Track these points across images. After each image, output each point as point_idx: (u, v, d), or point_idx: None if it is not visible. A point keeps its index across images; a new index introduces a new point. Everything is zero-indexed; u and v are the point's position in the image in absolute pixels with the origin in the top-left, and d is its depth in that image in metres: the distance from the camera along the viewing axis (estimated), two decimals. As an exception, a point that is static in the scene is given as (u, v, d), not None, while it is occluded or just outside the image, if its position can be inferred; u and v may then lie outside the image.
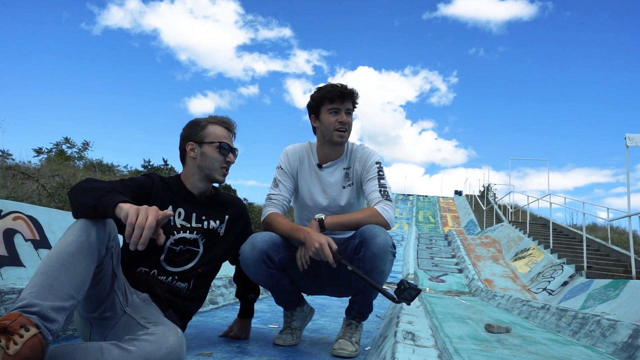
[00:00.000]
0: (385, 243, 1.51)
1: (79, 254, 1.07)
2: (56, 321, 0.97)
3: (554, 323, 3.44)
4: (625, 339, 2.36)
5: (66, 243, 1.08)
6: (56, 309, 0.98)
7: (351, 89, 1.74)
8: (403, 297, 1.38)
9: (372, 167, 1.78)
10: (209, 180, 1.56)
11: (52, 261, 1.04)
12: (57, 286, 1.00)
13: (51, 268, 1.03)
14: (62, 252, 1.06)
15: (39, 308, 0.95)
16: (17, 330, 0.89)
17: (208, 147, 1.53)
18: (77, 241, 1.08)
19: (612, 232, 9.80)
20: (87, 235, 1.11)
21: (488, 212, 15.63)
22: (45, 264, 1.05)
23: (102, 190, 1.15)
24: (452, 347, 2.18)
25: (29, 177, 5.15)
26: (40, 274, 1.02)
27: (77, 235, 1.10)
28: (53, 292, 0.99)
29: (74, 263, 1.05)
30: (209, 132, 1.54)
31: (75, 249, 1.07)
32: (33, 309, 0.95)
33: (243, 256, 1.60)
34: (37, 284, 1.00)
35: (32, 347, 0.90)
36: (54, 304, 0.98)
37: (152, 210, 1.09)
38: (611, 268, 7.00)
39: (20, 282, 1.80)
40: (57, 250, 1.07)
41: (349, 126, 1.74)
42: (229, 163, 1.56)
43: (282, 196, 1.79)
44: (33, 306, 0.95)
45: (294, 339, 1.79)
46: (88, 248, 1.09)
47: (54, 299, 0.98)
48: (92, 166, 9.76)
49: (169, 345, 1.13)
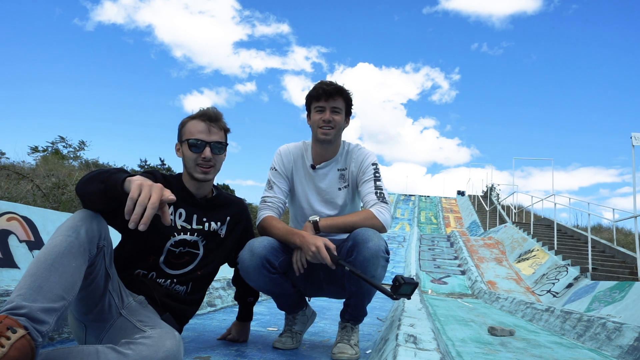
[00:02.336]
0: (377, 248, 1.49)
1: (68, 253, 1.05)
2: (46, 322, 0.96)
3: (558, 326, 3.41)
4: (631, 342, 2.33)
5: (55, 243, 1.06)
6: (46, 311, 0.96)
7: (337, 87, 1.70)
8: (400, 293, 1.36)
9: (368, 168, 1.76)
10: (194, 179, 1.49)
11: (41, 262, 1.03)
12: (47, 287, 0.99)
13: (40, 269, 1.01)
14: (51, 252, 1.04)
15: (28, 310, 0.94)
16: (3, 333, 0.87)
17: (185, 146, 1.48)
18: (67, 241, 1.06)
19: (617, 233, 9.73)
20: (76, 234, 1.09)
21: (491, 213, 15.57)
22: (34, 265, 1.03)
23: (108, 173, 1.14)
24: (455, 351, 2.16)
25: (24, 177, 5.14)
26: (28, 275, 1.00)
27: (66, 235, 1.08)
28: (42, 294, 0.97)
29: (63, 263, 1.03)
30: (186, 129, 1.49)
31: (64, 249, 1.05)
32: (21, 311, 0.93)
33: (242, 264, 1.57)
34: (25, 286, 0.98)
35: (20, 348, 0.88)
36: (44, 306, 0.96)
37: (157, 188, 1.05)
38: (617, 270, 6.94)
39: (14, 284, 1.79)
40: (45, 251, 1.05)
41: (334, 124, 1.71)
42: (205, 159, 1.45)
43: (277, 198, 1.76)
44: (21, 308, 0.94)
45: (293, 343, 1.76)
46: (78, 247, 1.07)
47: (43, 300, 0.97)
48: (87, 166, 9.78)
49: (167, 348, 1.11)
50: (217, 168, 1.51)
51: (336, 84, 1.72)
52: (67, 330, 1.56)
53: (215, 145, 1.48)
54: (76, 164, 10.08)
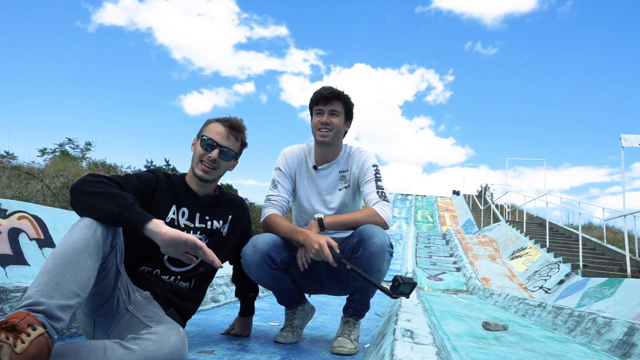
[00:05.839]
0: (382, 242, 1.54)
1: (84, 251, 1.06)
2: (62, 320, 0.98)
3: (550, 321, 3.47)
4: (620, 336, 2.38)
5: (72, 240, 1.07)
6: (62, 308, 0.98)
7: (335, 91, 1.76)
8: (399, 293, 1.40)
9: (369, 169, 1.81)
10: (196, 176, 1.51)
11: (58, 259, 1.04)
12: (63, 284, 1.00)
13: (57, 266, 1.02)
14: (68, 249, 1.05)
15: (46, 307, 0.96)
16: (24, 329, 0.89)
17: (199, 141, 1.51)
18: (83, 239, 1.08)
19: (607, 231, 9.88)
20: (92, 232, 1.10)
21: (485, 212, 15.69)
22: (51, 261, 1.04)
23: (127, 201, 1.17)
24: (450, 345, 2.20)
25: (34, 177, 5.16)
26: (46, 272, 1.02)
27: (83, 232, 1.09)
28: (59, 291, 0.99)
29: (79, 261, 1.04)
30: (207, 128, 1.53)
31: (81, 246, 1.06)
32: (40, 308, 0.95)
33: (245, 259, 1.61)
34: (43, 282, 0.99)
35: (39, 345, 0.90)
36: (60, 303, 0.98)
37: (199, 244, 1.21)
38: (606, 267, 7.04)
39: (24, 280, 1.81)
40: (62, 248, 1.06)
41: (332, 126, 1.76)
42: (210, 159, 1.48)
43: (281, 197, 1.81)
44: (40, 305, 0.95)
45: (294, 337, 1.81)
46: (94, 246, 1.09)
47: (59, 298, 0.98)
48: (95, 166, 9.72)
49: (172, 344, 1.14)
50: (219, 172, 1.52)
51: (334, 89, 1.76)
52: (76, 325, 1.59)
53: (226, 150, 1.51)
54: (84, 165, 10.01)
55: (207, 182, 1.52)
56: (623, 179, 7.12)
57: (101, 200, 1.15)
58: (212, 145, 1.49)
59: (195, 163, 1.50)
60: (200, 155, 1.48)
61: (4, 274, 1.91)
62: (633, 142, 6.95)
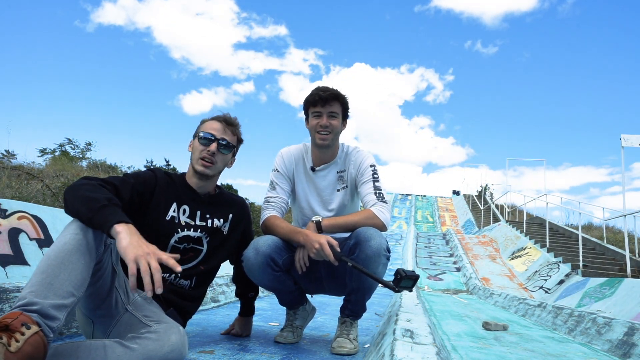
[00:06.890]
0: (379, 246, 1.53)
1: (77, 251, 1.07)
2: (57, 319, 0.98)
3: (550, 321, 3.47)
4: (620, 336, 2.39)
5: (64, 241, 1.08)
6: (57, 307, 0.99)
7: (333, 93, 1.74)
8: (402, 286, 1.40)
9: (366, 170, 1.80)
10: (196, 173, 1.52)
11: (51, 259, 1.04)
12: (57, 284, 1.01)
13: (50, 266, 1.03)
14: (61, 250, 1.06)
15: (40, 306, 0.96)
16: (18, 329, 0.90)
17: (196, 140, 1.53)
18: (75, 239, 1.09)
19: (607, 231, 9.88)
20: (84, 232, 1.11)
21: (485, 212, 15.70)
22: (45, 262, 1.05)
23: (98, 203, 1.14)
24: (450, 345, 2.21)
25: (34, 177, 5.18)
26: (39, 272, 1.02)
27: (74, 233, 1.10)
28: (53, 290, 1.00)
29: (72, 261, 1.05)
30: (202, 126, 1.54)
31: (73, 246, 1.07)
32: (34, 307, 0.96)
33: (247, 262, 1.61)
34: (36, 283, 1.00)
35: (33, 344, 0.91)
36: (54, 302, 0.98)
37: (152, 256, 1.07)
38: (607, 267, 7.05)
39: (25, 280, 1.81)
40: (55, 249, 1.07)
41: (331, 128, 1.75)
42: (209, 152, 1.49)
43: (280, 198, 1.80)
44: (33, 305, 0.96)
45: (294, 337, 1.81)
46: (86, 245, 1.09)
47: (54, 297, 0.99)
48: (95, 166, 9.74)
49: (172, 343, 1.14)
50: (218, 167, 1.52)
51: (332, 89, 1.75)
52: (76, 325, 1.59)
53: (224, 143, 1.52)
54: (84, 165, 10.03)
55: (207, 178, 1.53)
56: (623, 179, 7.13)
57: (78, 204, 1.16)
58: (210, 140, 1.51)
59: (195, 160, 1.51)
60: (199, 152, 1.50)
61: (4, 274, 1.92)
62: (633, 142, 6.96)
